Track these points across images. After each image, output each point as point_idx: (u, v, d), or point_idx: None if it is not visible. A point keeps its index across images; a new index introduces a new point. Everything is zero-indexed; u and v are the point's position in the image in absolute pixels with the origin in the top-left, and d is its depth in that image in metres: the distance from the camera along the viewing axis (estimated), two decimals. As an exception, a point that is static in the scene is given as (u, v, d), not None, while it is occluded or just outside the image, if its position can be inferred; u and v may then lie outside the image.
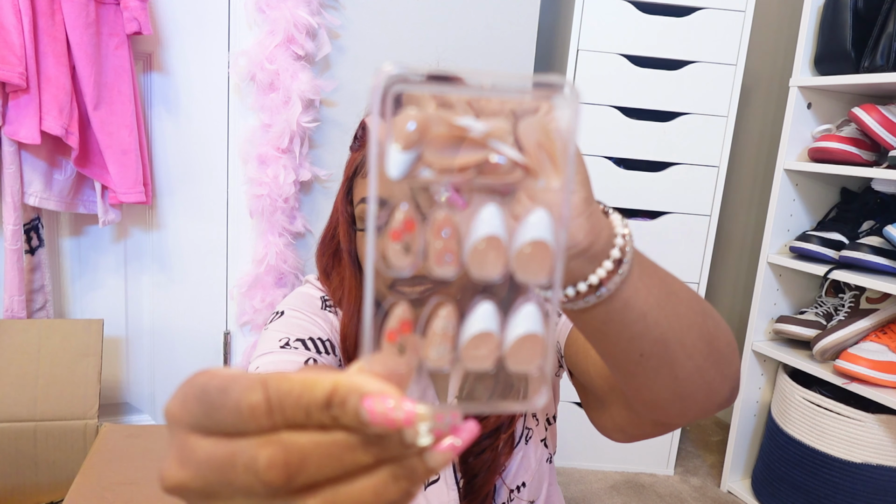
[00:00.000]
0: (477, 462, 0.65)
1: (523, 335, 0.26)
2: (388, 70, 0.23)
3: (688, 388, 0.42)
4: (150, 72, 1.28)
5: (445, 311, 0.26)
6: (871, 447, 1.42)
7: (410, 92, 0.24)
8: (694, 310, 0.42)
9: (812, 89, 1.58)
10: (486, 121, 0.25)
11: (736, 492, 1.75)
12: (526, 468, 0.69)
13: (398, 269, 0.25)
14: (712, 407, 0.45)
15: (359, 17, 1.37)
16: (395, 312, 0.25)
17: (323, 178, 1.40)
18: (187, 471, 0.24)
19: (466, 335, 0.26)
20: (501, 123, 0.25)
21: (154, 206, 1.33)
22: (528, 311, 0.26)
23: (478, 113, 0.26)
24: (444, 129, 0.24)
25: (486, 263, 0.25)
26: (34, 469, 1.02)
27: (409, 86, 0.24)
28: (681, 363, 0.41)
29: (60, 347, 1.07)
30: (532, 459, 0.70)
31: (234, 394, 0.22)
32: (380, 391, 0.22)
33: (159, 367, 1.39)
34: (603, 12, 1.61)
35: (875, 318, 1.46)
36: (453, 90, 0.25)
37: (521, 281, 0.26)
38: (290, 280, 1.39)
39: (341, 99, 1.39)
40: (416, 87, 0.24)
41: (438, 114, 0.25)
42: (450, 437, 0.23)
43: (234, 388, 0.22)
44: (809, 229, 1.62)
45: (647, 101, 1.65)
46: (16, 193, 1.13)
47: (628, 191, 1.70)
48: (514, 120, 0.26)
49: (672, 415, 0.46)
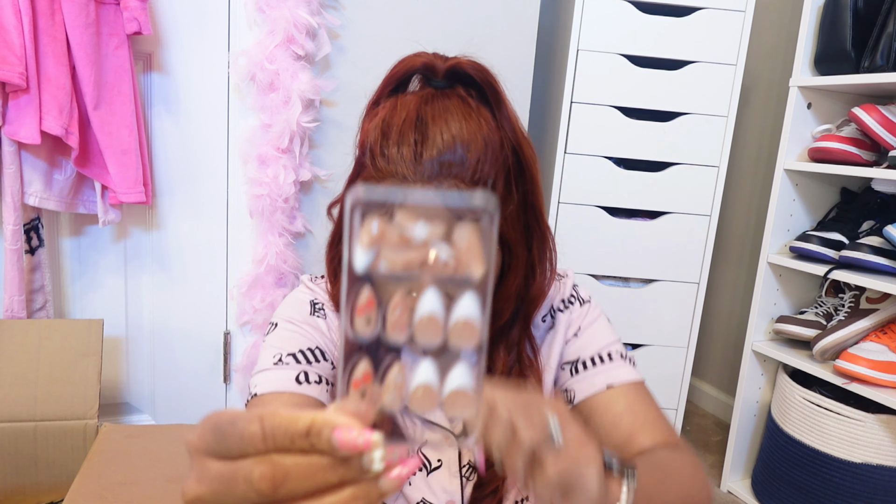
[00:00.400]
0: None
1: (455, 389, 0.34)
2: (359, 192, 0.32)
3: None
4: (150, 72, 1.28)
5: (397, 366, 0.34)
6: (871, 447, 1.42)
7: (376, 200, 0.33)
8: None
9: (812, 89, 1.58)
10: (429, 226, 0.35)
11: (736, 492, 1.75)
12: None
13: (362, 335, 0.34)
14: None
15: (359, 17, 1.37)
16: (359, 367, 0.34)
17: (323, 178, 1.40)
18: (203, 486, 0.32)
19: (412, 386, 0.34)
20: (440, 229, 0.35)
21: (154, 206, 1.33)
22: (460, 370, 0.34)
23: (426, 219, 0.36)
24: (396, 234, 0.34)
25: (427, 334, 0.34)
26: (34, 469, 1.02)
27: (376, 199, 0.33)
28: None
29: (60, 347, 1.07)
30: None
31: (239, 426, 0.30)
32: (346, 424, 0.30)
33: (159, 367, 1.39)
34: (603, 12, 1.60)
35: (875, 318, 1.46)
36: (407, 201, 0.36)
37: (455, 347, 0.34)
38: (289, 280, 1.39)
39: (341, 99, 1.39)
40: (379, 199, 0.33)
41: (395, 222, 0.35)
42: (399, 466, 0.31)
43: (238, 422, 0.30)
44: (809, 229, 1.62)
45: (647, 101, 1.65)
46: (16, 193, 1.13)
47: (628, 191, 1.70)
48: (451, 225, 0.35)
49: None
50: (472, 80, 0.59)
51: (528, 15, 1.47)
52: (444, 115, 0.55)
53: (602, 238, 1.71)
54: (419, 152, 0.54)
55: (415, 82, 0.61)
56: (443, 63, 0.59)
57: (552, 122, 1.77)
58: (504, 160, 0.57)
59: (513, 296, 0.62)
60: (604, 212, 1.71)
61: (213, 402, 1.43)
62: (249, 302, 1.38)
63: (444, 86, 0.59)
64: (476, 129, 0.55)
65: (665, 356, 1.78)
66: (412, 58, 0.60)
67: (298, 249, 1.41)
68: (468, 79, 0.59)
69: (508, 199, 0.58)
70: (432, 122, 0.55)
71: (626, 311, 1.75)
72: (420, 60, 0.59)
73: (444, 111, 0.56)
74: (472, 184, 0.55)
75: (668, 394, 1.80)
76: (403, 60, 0.60)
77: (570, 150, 1.67)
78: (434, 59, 0.59)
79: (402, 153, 0.54)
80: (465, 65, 0.59)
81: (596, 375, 0.68)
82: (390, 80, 0.60)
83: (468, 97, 0.58)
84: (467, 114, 0.56)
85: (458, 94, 0.58)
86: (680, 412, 1.81)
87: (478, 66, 0.59)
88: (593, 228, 1.71)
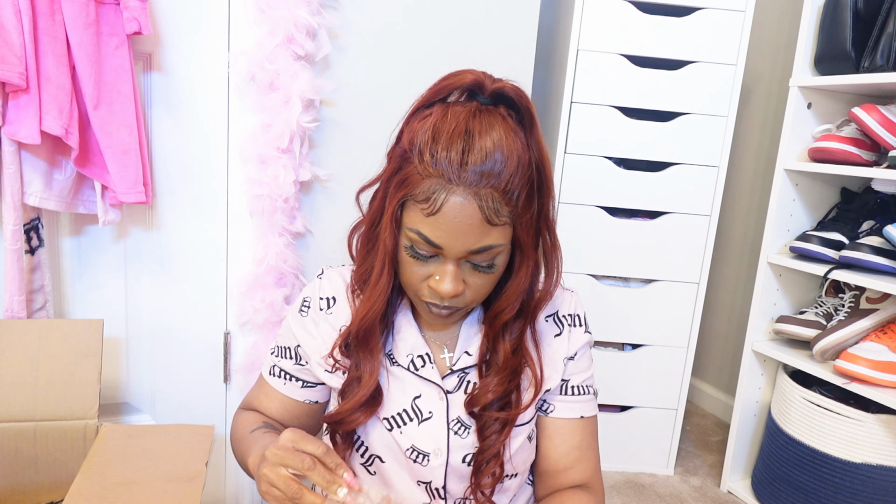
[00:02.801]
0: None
1: None
2: None
3: None
4: (150, 72, 1.28)
5: None
6: (871, 447, 1.42)
7: None
8: None
9: (812, 89, 1.58)
10: None
11: (736, 492, 1.75)
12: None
13: None
14: None
15: (359, 17, 1.37)
16: None
17: (323, 178, 1.40)
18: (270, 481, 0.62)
19: None
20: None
21: (154, 206, 1.33)
22: None
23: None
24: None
25: None
26: (34, 469, 1.02)
27: None
28: None
29: (60, 347, 1.07)
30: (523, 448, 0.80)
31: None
32: None
33: (159, 367, 1.39)
34: (603, 12, 1.61)
35: (875, 318, 1.46)
36: None
37: None
38: (289, 280, 1.39)
39: (341, 99, 1.39)
40: None
41: None
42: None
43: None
44: (809, 229, 1.62)
45: (647, 101, 1.66)
46: (16, 193, 1.13)
47: (628, 191, 1.70)
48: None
49: None
50: (514, 102, 0.66)
51: (528, 15, 1.47)
52: (489, 131, 0.62)
53: (602, 238, 1.71)
54: (465, 160, 0.61)
55: (455, 93, 0.68)
56: (491, 83, 0.66)
57: (552, 122, 1.77)
58: (530, 176, 0.65)
59: (520, 290, 0.71)
60: (604, 212, 1.71)
61: (213, 402, 1.43)
62: (249, 302, 1.38)
63: (489, 103, 0.66)
64: (513, 147, 0.63)
65: (665, 356, 1.78)
66: (465, 73, 0.66)
67: (298, 249, 1.41)
68: (510, 101, 0.66)
69: (528, 209, 0.66)
70: (479, 135, 0.62)
71: (626, 311, 1.75)
72: (471, 77, 0.66)
73: (490, 127, 0.63)
74: (503, 193, 0.62)
75: (668, 394, 1.80)
76: (455, 74, 0.67)
77: (570, 150, 1.67)
78: (484, 77, 0.66)
79: (450, 157, 0.61)
80: (508, 89, 0.66)
81: (577, 403, 0.80)
82: (440, 90, 0.67)
83: (508, 117, 0.65)
84: (507, 132, 0.63)
85: (501, 112, 0.65)
86: (680, 412, 1.81)
87: (519, 92, 0.67)
88: (593, 228, 1.71)
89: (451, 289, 0.65)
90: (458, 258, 0.65)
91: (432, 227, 0.63)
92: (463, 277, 0.67)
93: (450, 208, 0.62)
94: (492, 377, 0.74)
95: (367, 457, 0.77)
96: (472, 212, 0.62)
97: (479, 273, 0.67)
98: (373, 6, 1.37)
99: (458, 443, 0.75)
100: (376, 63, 1.39)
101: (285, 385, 0.83)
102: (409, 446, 0.75)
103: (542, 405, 0.81)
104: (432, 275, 0.67)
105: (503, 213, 0.63)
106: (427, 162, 0.62)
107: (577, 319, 0.81)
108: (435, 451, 0.75)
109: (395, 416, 0.76)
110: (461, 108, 0.64)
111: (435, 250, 0.65)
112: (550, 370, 0.78)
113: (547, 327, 0.79)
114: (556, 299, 0.80)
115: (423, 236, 0.64)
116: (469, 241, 0.63)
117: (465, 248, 0.63)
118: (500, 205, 0.62)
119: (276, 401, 0.84)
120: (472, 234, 0.63)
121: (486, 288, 0.69)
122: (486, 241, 0.63)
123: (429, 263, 0.67)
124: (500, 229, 0.64)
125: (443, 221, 0.62)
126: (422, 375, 0.76)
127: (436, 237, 0.63)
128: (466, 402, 0.75)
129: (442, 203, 0.62)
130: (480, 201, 0.61)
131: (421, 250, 0.66)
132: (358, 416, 0.74)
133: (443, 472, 0.75)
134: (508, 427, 0.73)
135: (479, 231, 0.63)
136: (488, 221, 0.62)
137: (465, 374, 0.77)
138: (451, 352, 0.78)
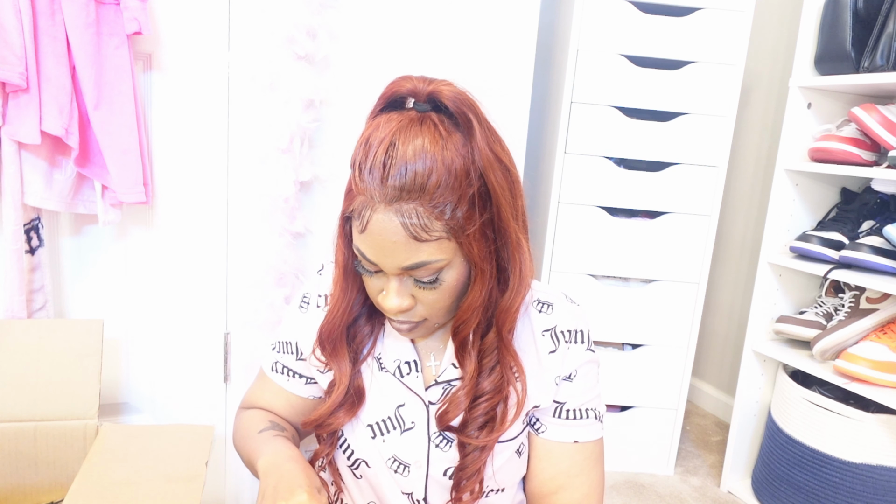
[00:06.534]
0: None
1: None
2: None
3: None
4: (150, 72, 1.28)
5: None
6: (871, 447, 1.42)
7: None
8: None
9: (812, 89, 1.58)
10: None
11: (736, 492, 1.75)
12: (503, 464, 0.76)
13: None
14: None
15: (359, 17, 1.37)
16: None
17: (323, 178, 1.40)
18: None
19: None
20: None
21: (154, 206, 1.33)
22: None
23: None
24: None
25: None
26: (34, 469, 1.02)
27: None
28: None
29: (60, 347, 1.07)
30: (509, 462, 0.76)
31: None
32: None
33: (159, 367, 1.39)
34: (602, 12, 1.61)
35: (875, 318, 1.46)
36: None
37: None
38: (289, 280, 1.39)
39: (341, 99, 1.39)
40: None
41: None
42: None
43: None
44: (809, 229, 1.62)
45: (647, 101, 1.66)
46: (16, 193, 1.13)
47: (628, 191, 1.70)
48: None
49: None
50: (447, 107, 0.61)
51: (527, 15, 1.47)
52: (412, 142, 0.58)
53: (602, 238, 1.71)
54: (385, 175, 0.58)
55: (410, 101, 0.64)
56: (425, 87, 0.61)
57: (552, 122, 1.77)
58: (468, 186, 0.60)
59: (478, 305, 0.66)
60: (604, 212, 1.71)
61: (213, 402, 1.43)
62: (249, 302, 1.38)
63: (425, 109, 0.62)
64: (440, 156, 0.58)
65: (665, 356, 1.78)
66: (401, 81, 0.63)
67: (298, 249, 1.41)
68: (444, 106, 0.61)
69: (471, 220, 0.61)
70: (402, 147, 0.58)
71: (626, 311, 1.75)
72: (406, 86, 0.62)
73: (414, 137, 0.58)
74: (431, 207, 0.58)
75: (667, 394, 1.80)
76: (393, 83, 0.63)
77: (570, 150, 1.67)
78: (418, 83, 0.62)
79: (373, 173, 0.58)
80: (442, 92, 0.61)
81: (572, 427, 0.75)
82: (382, 99, 0.64)
83: (440, 124, 0.60)
84: (434, 140, 0.58)
85: (433, 119, 0.60)
86: (680, 412, 1.81)
87: (456, 94, 0.61)
88: (593, 228, 1.71)
89: (395, 305, 0.63)
90: (396, 275, 0.62)
91: (365, 245, 0.61)
92: (411, 293, 0.64)
93: (374, 226, 0.59)
94: (460, 393, 0.70)
95: (354, 461, 0.77)
96: (395, 229, 0.58)
97: (426, 289, 0.64)
98: (373, 6, 1.37)
99: (439, 455, 0.73)
100: (376, 63, 1.39)
101: (289, 381, 0.83)
102: (391, 456, 0.74)
103: (534, 423, 0.76)
104: (382, 290, 0.65)
105: (434, 227, 0.59)
106: (357, 177, 0.60)
107: (577, 336, 0.75)
108: (416, 462, 0.74)
109: (379, 424, 0.75)
110: (395, 117, 0.60)
111: (374, 266, 0.63)
112: (536, 389, 0.73)
113: (542, 342, 0.74)
114: (557, 313, 0.75)
115: (360, 253, 0.63)
116: (398, 258, 0.60)
117: (396, 265, 0.61)
118: (427, 220, 0.59)
119: (281, 398, 0.83)
120: (399, 252, 0.60)
121: (442, 302, 0.65)
122: (418, 257, 0.60)
123: (377, 278, 0.65)
124: (435, 244, 0.60)
125: (370, 240, 0.60)
126: (406, 384, 0.74)
127: (370, 254, 0.61)
128: (437, 417, 0.72)
129: (367, 220, 0.60)
130: (403, 218, 0.58)
131: (366, 266, 0.64)
132: (337, 418, 0.74)
133: (423, 484, 0.74)
134: (488, 448, 0.71)
135: (407, 248, 0.59)
136: (415, 238, 0.59)
137: (450, 385, 0.74)
138: (439, 360, 0.76)
